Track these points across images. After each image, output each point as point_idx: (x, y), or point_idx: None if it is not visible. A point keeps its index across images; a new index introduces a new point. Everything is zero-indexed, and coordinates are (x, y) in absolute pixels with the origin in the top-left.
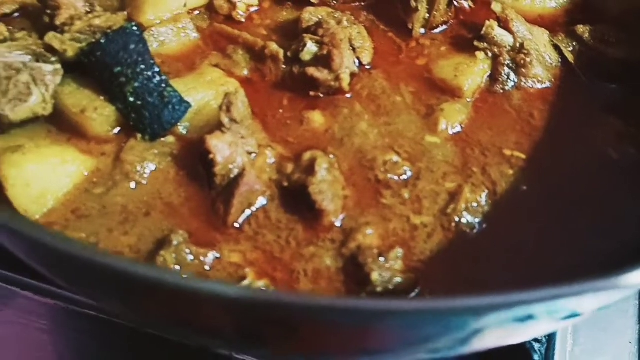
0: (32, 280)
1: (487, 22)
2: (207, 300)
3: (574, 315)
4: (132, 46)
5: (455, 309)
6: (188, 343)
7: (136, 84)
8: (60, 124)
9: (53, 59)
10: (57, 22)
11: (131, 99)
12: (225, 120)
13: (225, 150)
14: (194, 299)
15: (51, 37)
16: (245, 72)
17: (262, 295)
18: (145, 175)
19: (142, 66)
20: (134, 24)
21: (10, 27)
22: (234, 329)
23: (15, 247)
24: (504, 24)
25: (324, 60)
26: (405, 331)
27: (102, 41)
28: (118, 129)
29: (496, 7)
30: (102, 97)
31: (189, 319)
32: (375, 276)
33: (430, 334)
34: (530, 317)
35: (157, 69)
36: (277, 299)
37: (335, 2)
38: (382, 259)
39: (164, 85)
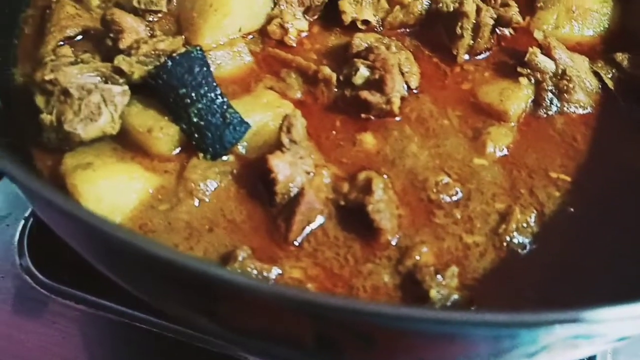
0: (83, 293)
1: (530, 49)
2: (296, 307)
3: (626, 338)
4: (197, 69)
5: (545, 320)
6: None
7: (200, 105)
8: (125, 142)
9: (121, 80)
10: (121, 46)
11: (195, 119)
12: (285, 140)
13: (286, 170)
14: (282, 305)
15: (120, 60)
16: (299, 95)
17: (347, 303)
18: (208, 193)
19: (206, 88)
20: (198, 47)
21: (73, 49)
22: (314, 338)
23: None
24: (547, 51)
25: (375, 84)
26: (482, 344)
27: (169, 64)
28: (179, 148)
29: (538, 34)
30: (166, 117)
31: (271, 327)
32: (433, 293)
33: (504, 347)
34: (589, 337)
35: (219, 91)
36: (363, 308)
37: (381, 28)
38: (439, 276)
39: (225, 106)
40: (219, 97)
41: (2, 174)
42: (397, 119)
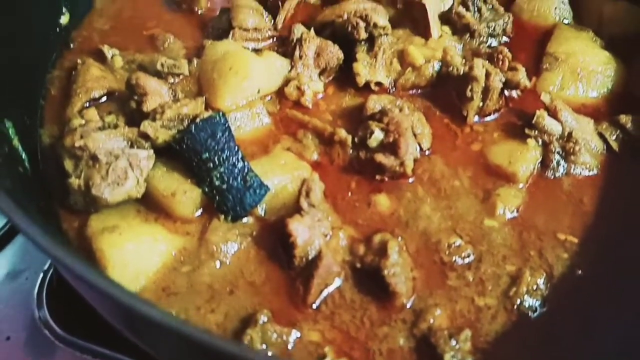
0: (100, 348)
1: (538, 112)
2: None
3: None
4: (220, 134)
5: None
6: None
7: (222, 169)
8: (149, 204)
9: (146, 145)
10: (145, 109)
11: (217, 183)
12: (304, 204)
13: (305, 233)
14: None
15: (146, 126)
16: (315, 156)
17: None
18: (229, 255)
19: (228, 152)
20: (221, 113)
21: (98, 110)
22: None
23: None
24: (553, 114)
25: (389, 147)
26: None
27: (192, 129)
28: (201, 210)
29: (545, 97)
30: (189, 181)
31: None
32: (448, 357)
33: None
34: None
35: (240, 155)
36: None
37: (393, 89)
38: (452, 340)
39: (246, 170)
40: (240, 161)
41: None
42: (410, 180)
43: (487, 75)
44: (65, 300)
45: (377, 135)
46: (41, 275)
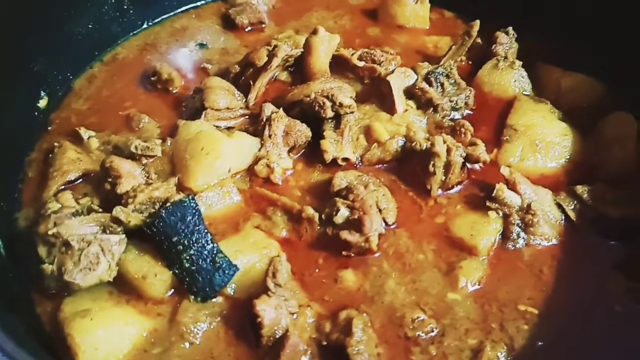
0: None
1: (497, 186)
2: None
3: None
4: (189, 217)
5: None
6: None
7: (192, 252)
8: (121, 286)
9: (119, 229)
10: (119, 191)
11: (187, 265)
12: (271, 285)
13: (272, 313)
14: None
15: (118, 212)
16: (284, 233)
17: None
18: (198, 335)
19: (197, 235)
20: (191, 196)
21: (74, 192)
22: None
23: None
24: (512, 186)
25: (355, 224)
26: None
27: (163, 214)
28: (172, 291)
29: (504, 170)
30: (160, 263)
31: None
32: None
33: None
34: None
35: (210, 237)
36: None
37: (360, 164)
38: None
39: (215, 251)
40: (210, 242)
41: None
42: (376, 255)
43: (448, 150)
44: None
45: (343, 213)
46: None
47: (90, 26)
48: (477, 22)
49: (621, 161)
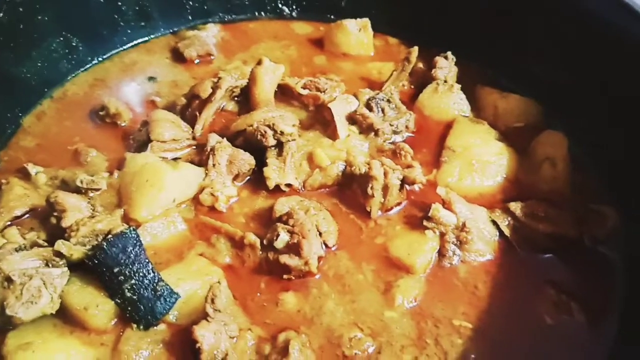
0: None
1: (433, 205)
2: None
3: None
4: (130, 248)
5: None
6: None
7: (133, 281)
8: (65, 318)
9: (61, 262)
10: (64, 225)
11: (128, 294)
12: (209, 310)
13: (210, 338)
14: None
15: (60, 245)
16: (227, 260)
17: None
18: None
19: (138, 265)
20: (132, 228)
21: (20, 227)
22: None
23: None
24: (447, 206)
25: (294, 248)
26: None
27: (104, 246)
28: (115, 320)
29: (440, 190)
30: (102, 294)
31: None
32: None
33: None
34: None
35: (150, 267)
36: None
37: (303, 189)
38: None
39: (156, 280)
40: (151, 272)
41: None
42: (317, 277)
43: (385, 173)
44: None
45: (283, 238)
46: None
47: (39, 64)
48: (416, 48)
49: (552, 179)
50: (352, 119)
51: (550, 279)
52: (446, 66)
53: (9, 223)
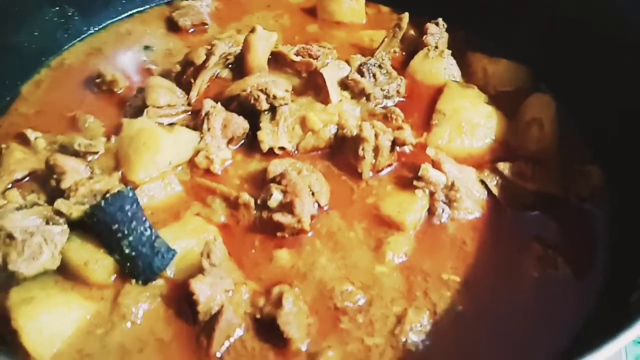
0: None
1: (423, 165)
2: None
3: None
4: (127, 207)
5: None
6: None
7: (131, 238)
8: (66, 274)
9: (61, 220)
10: (63, 187)
11: (127, 251)
12: (205, 265)
13: (207, 291)
14: None
15: (60, 204)
16: (222, 219)
17: None
18: (139, 315)
19: (135, 223)
20: (129, 187)
21: (21, 190)
22: None
23: None
24: (437, 166)
25: (287, 207)
26: None
27: (102, 204)
28: (114, 276)
29: (430, 151)
30: (102, 250)
31: None
32: None
33: None
34: None
35: (148, 224)
36: None
37: (296, 152)
38: None
39: (154, 237)
40: (148, 229)
41: None
42: (310, 234)
43: (376, 135)
44: None
45: (276, 197)
46: None
47: (36, 34)
48: (407, 14)
49: (539, 140)
50: (344, 85)
51: (536, 235)
52: (437, 32)
53: (10, 185)
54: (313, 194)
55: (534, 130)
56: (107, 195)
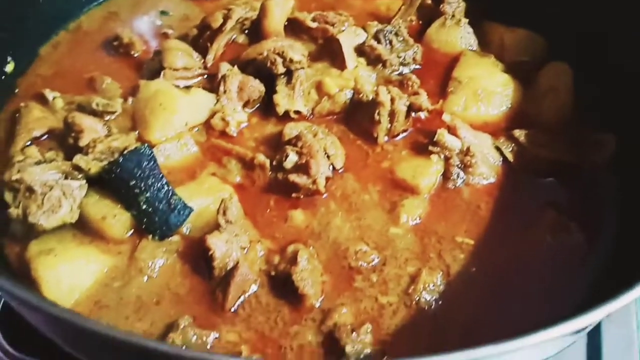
0: None
1: (439, 130)
2: None
3: None
4: (145, 163)
5: None
6: None
7: (148, 194)
8: (84, 229)
9: (79, 176)
10: (81, 144)
11: (144, 207)
12: (221, 221)
13: (222, 247)
14: None
15: (78, 159)
16: (238, 179)
17: None
18: (156, 270)
19: (153, 179)
20: (146, 145)
21: (39, 148)
22: None
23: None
24: (453, 131)
25: (303, 168)
26: None
27: (120, 161)
28: (132, 231)
29: (446, 117)
30: (119, 206)
31: None
32: (349, 349)
33: None
34: None
35: (165, 181)
36: None
37: (311, 116)
38: (354, 334)
39: (170, 194)
40: (165, 186)
41: None
42: (324, 196)
43: (392, 100)
44: (19, 323)
45: (292, 158)
46: None
47: None
48: None
49: (555, 108)
50: (360, 51)
51: (550, 201)
52: (454, 1)
53: (29, 143)
54: (328, 156)
55: (550, 98)
56: (125, 151)
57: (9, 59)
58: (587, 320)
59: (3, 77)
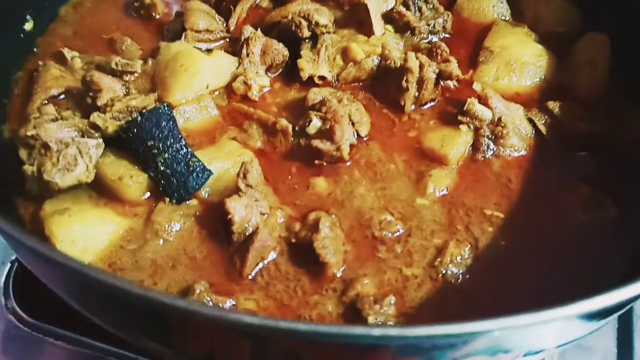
0: (65, 331)
1: (469, 99)
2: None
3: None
4: (164, 123)
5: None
6: None
7: (166, 155)
8: (100, 189)
9: (96, 134)
10: (99, 103)
11: (162, 168)
12: (241, 185)
13: (242, 211)
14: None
15: (95, 117)
16: (259, 144)
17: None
18: (172, 233)
19: (172, 140)
20: (165, 104)
21: (57, 107)
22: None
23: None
24: (484, 101)
25: (327, 134)
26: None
27: (139, 119)
28: (148, 193)
29: (476, 86)
30: (136, 167)
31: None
32: (371, 320)
33: None
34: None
35: (184, 142)
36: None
37: (336, 82)
38: (377, 305)
39: (189, 155)
40: (184, 147)
41: None
42: (348, 164)
43: (421, 67)
44: (30, 289)
45: (315, 123)
46: (8, 266)
47: None
48: None
49: (591, 82)
50: (388, 18)
51: (583, 176)
52: None
53: (46, 101)
54: (353, 123)
55: (587, 70)
56: (144, 111)
57: (29, 17)
58: (620, 295)
59: (22, 35)
